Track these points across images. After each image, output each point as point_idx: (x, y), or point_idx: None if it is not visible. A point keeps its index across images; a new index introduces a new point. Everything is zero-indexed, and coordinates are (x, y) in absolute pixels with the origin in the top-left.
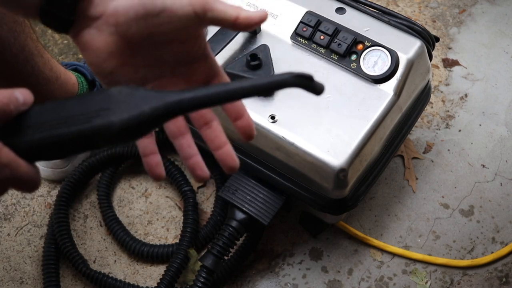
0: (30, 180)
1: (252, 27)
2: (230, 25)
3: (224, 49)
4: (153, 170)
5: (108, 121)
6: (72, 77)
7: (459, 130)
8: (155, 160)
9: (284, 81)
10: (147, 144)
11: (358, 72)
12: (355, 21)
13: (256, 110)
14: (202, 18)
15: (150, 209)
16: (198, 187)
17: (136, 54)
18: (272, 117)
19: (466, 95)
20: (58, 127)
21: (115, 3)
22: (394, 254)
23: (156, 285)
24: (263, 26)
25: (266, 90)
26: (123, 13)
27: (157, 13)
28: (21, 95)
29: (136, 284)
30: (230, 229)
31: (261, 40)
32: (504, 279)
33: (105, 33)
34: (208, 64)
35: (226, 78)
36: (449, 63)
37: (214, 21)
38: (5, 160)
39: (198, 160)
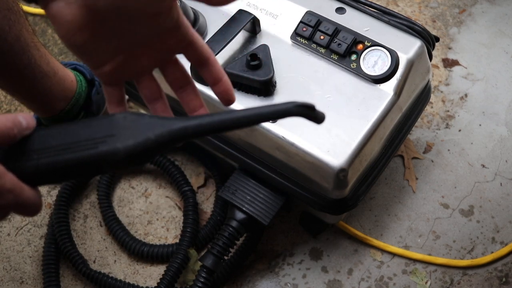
0: (32, 205)
1: (227, 2)
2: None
3: (224, 49)
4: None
5: (114, 147)
6: (70, 75)
7: (459, 130)
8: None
9: (287, 110)
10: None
11: (358, 72)
12: (355, 21)
13: None
14: None
15: (150, 209)
16: (198, 187)
17: (106, 26)
18: None
19: (466, 95)
20: (63, 152)
21: None
22: (394, 254)
23: (156, 285)
24: (263, 26)
25: (269, 118)
26: None
27: None
28: (24, 120)
29: (136, 284)
30: (230, 229)
31: (261, 40)
32: (504, 279)
33: (74, 6)
34: (181, 33)
35: (202, 45)
36: (449, 63)
37: None
38: (9, 186)
39: None
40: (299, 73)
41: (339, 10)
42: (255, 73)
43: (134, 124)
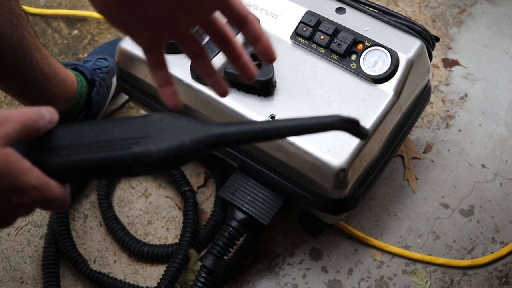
0: (59, 201)
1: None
2: None
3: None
4: (169, 101)
5: (147, 149)
6: (71, 75)
7: (459, 130)
8: (170, 91)
9: (331, 123)
10: (161, 75)
11: (358, 72)
12: (355, 21)
13: (256, 110)
14: None
15: (150, 209)
16: (198, 187)
17: None
18: (272, 117)
19: (466, 95)
20: (96, 150)
21: None
22: (394, 254)
23: (156, 285)
24: (263, 26)
25: (312, 131)
26: None
27: None
28: (48, 113)
29: (136, 284)
30: (230, 229)
31: None
32: (504, 279)
33: None
34: None
35: (238, 4)
36: (449, 63)
37: None
38: (35, 182)
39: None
40: (299, 73)
41: (339, 10)
42: None
43: (169, 127)
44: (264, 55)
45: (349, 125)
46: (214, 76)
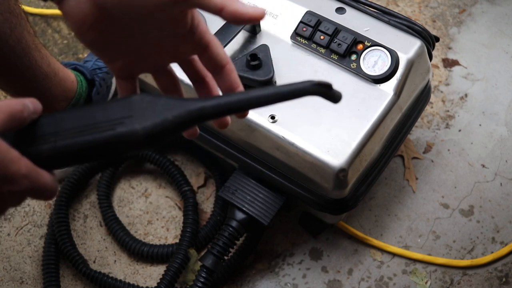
0: (48, 189)
1: (241, 22)
2: (215, 14)
3: (224, 49)
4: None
5: (131, 128)
6: (71, 75)
7: (459, 130)
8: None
9: (304, 89)
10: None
11: (358, 72)
12: (355, 21)
13: (256, 110)
14: (182, 2)
15: (150, 209)
16: (198, 187)
17: (117, 26)
18: (272, 117)
19: (466, 95)
20: (81, 134)
21: None
22: (394, 254)
23: (156, 285)
24: (263, 26)
25: (287, 97)
26: None
27: None
28: (31, 104)
29: (136, 284)
30: (230, 229)
31: (261, 40)
32: (504, 279)
33: (84, 5)
34: (196, 38)
35: (218, 51)
36: (449, 63)
37: (197, 7)
38: (24, 171)
39: None
40: (299, 73)
41: (339, 10)
42: (255, 73)
43: (151, 105)
44: None
45: (322, 89)
46: None
